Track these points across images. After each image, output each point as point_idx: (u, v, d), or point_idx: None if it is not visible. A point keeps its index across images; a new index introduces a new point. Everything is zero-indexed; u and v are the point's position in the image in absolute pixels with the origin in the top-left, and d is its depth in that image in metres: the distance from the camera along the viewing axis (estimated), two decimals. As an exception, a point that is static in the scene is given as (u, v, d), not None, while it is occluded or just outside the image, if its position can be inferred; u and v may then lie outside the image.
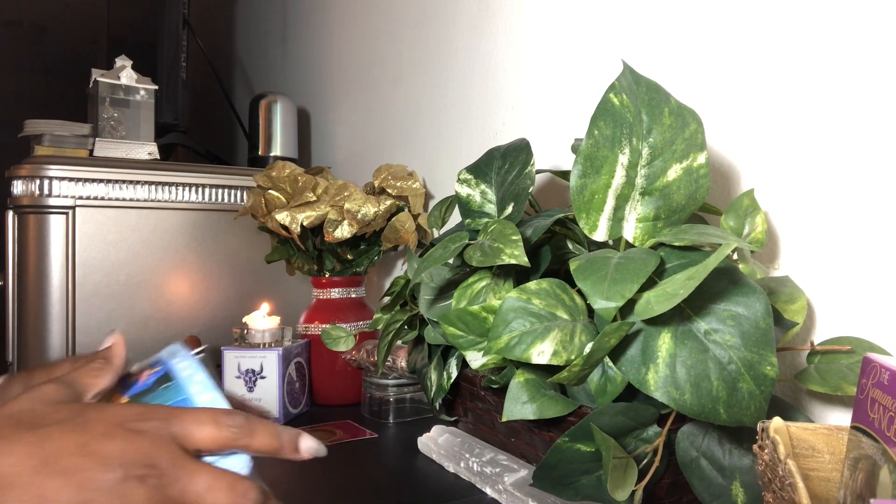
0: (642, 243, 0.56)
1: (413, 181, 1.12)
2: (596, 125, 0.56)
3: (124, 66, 1.31)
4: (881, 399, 0.36)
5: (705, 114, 0.68)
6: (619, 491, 0.48)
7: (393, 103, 1.33)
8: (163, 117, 1.46)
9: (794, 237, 0.65)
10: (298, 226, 1.03)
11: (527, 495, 0.59)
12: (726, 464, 0.51)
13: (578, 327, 0.53)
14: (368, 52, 1.42)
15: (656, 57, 0.78)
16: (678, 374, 0.47)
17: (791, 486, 0.37)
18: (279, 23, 1.87)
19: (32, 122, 1.26)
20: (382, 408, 0.94)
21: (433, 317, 0.70)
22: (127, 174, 1.20)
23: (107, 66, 1.34)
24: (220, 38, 2.30)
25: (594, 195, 0.56)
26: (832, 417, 0.62)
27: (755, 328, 0.47)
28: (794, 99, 0.64)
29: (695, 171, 0.56)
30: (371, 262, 1.12)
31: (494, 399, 0.67)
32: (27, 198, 1.14)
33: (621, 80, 0.57)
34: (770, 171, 0.67)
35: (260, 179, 1.12)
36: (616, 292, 0.48)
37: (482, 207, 0.71)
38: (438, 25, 1.19)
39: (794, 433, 0.43)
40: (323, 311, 1.08)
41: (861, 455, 0.37)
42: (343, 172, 1.51)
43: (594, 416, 0.50)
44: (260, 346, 0.94)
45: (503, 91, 1.04)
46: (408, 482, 0.70)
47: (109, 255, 1.18)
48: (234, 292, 1.30)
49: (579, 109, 0.90)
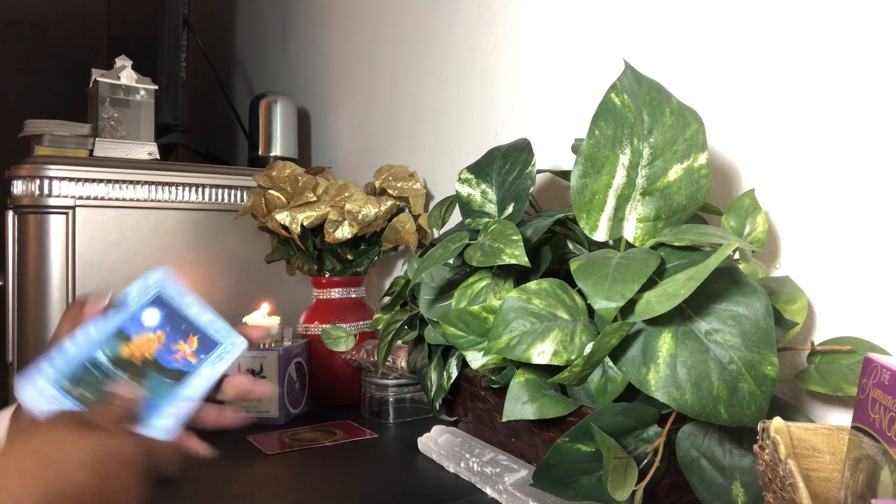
0: (643, 243, 0.56)
1: (414, 182, 1.12)
2: (597, 125, 0.56)
3: (124, 66, 1.31)
4: (882, 399, 0.36)
5: (706, 114, 0.68)
6: (619, 491, 0.48)
7: (393, 103, 1.33)
8: (163, 117, 1.46)
9: (794, 237, 0.65)
10: (298, 226, 1.03)
11: (527, 495, 0.59)
12: (727, 464, 0.51)
13: (579, 327, 0.53)
14: (368, 52, 1.42)
15: (657, 56, 0.78)
16: (679, 374, 0.47)
17: (792, 487, 0.37)
18: (279, 23, 1.87)
19: (32, 122, 1.26)
20: (382, 408, 0.94)
21: (433, 317, 0.70)
22: (127, 174, 1.19)
23: (107, 66, 1.34)
24: (220, 38, 2.30)
25: (595, 195, 0.56)
26: (833, 417, 0.62)
27: (756, 328, 0.47)
28: (794, 99, 0.64)
29: (696, 171, 0.56)
30: (371, 262, 1.12)
31: (494, 399, 0.67)
32: (27, 198, 1.14)
33: (623, 79, 0.57)
34: (770, 171, 0.67)
35: (260, 179, 1.12)
36: (616, 292, 0.48)
37: (482, 207, 0.71)
38: (438, 25, 1.19)
39: (794, 433, 0.43)
40: (323, 311, 1.08)
41: (862, 455, 0.37)
42: (343, 172, 1.51)
43: (594, 416, 0.50)
44: (260, 346, 0.94)
45: (503, 91, 1.04)
46: (408, 482, 0.70)
47: (109, 255, 1.18)
48: (234, 292, 1.30)
49: (579, 109, 0.90)
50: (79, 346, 0.46)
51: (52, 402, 0.44)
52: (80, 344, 0.46)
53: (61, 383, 0.45)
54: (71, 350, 0.46)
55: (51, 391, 0.44)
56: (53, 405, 0.44)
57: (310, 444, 0.83)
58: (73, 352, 0.46)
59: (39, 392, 0.44)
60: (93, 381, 0.45)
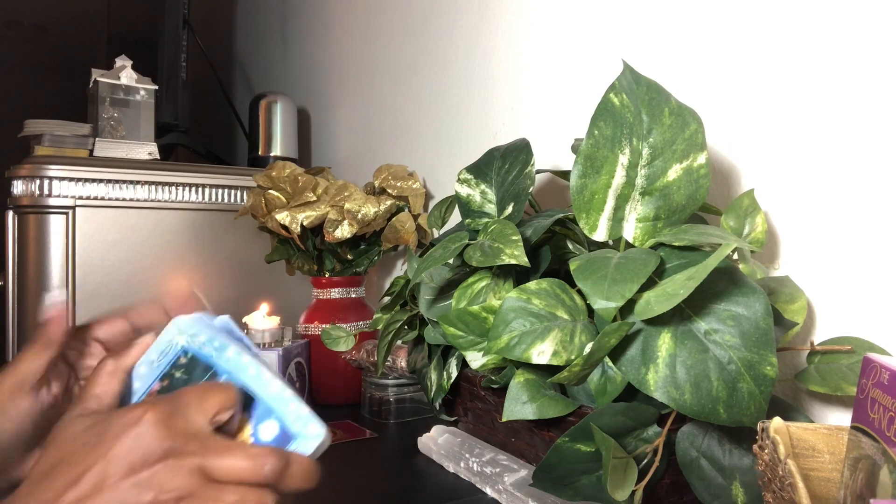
0: (642, 243, 0.56)
1: (413, 181, 1.12)
2: (596, 125, 0.56)
3: (124, 66, 1.31)
4: (881, 399, 0.36)
5: (705, 114, 0.68)
6: (619, 491, 0.48)
7: (393, 103, 1.33)
8: (163, 117, 1.46)
9: (794, 237, 0.65)
10: (298, 226, 1.03)
11: (527, 495, 0.59)
12: (726, 464, 0.51)
13: (578, 327, 0.53)
14: (368, 52, 1.42)
15: (656, 57, 0.78)
16: (678, 374, 0.47)
17: (791, 487, 0.37)
18: (279, 23, 1.87)
19: (32, 122, 1.26)
20: (382, 408, 0.94)
21: (433, 317, 0.70)
22: (127, 174, 1.20)
23: (107, 66, 1.34)
24: (220, 38, 2.30)
25: (594, 195, 0.56)
26: (832, 417, 0.62)
27: (755, 328, 0.47)
28: (794, 99, 0.64)
29: (695, 171, 0.56)
30: (371, 262, 1.12)
31: (494, 399, 0.67)
32: (27, 198, 1.14)
33: (621, 79, 0.57)
34: (770, 171, 0.67)
35: (260, 179, 1.12)
36: (616, 292, 0.48)
37: (482, 207, 0.71)
38: (438, 25, 1.19)
39: (794, 433, 0.43)
40: (323, 311, 1.08)
41: (861, 455, 0.37)
42: (343, 172, 1.51)
43: (594, 416, 0.50)
44: (260, 346, 0.94)
45: (503, 91, 1.04)
46: (408, 482, 0.70)
47: (109, 255, 1.18)
48: (234, 292, 1.30)
49: (579, 109, 0.90)
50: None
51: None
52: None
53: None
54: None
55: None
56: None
57: (310, 444, 0.83)
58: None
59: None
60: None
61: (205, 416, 0.36)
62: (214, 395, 0.37)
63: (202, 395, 0.37)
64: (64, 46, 2.31)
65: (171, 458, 0.34)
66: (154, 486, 0.33)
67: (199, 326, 0.41)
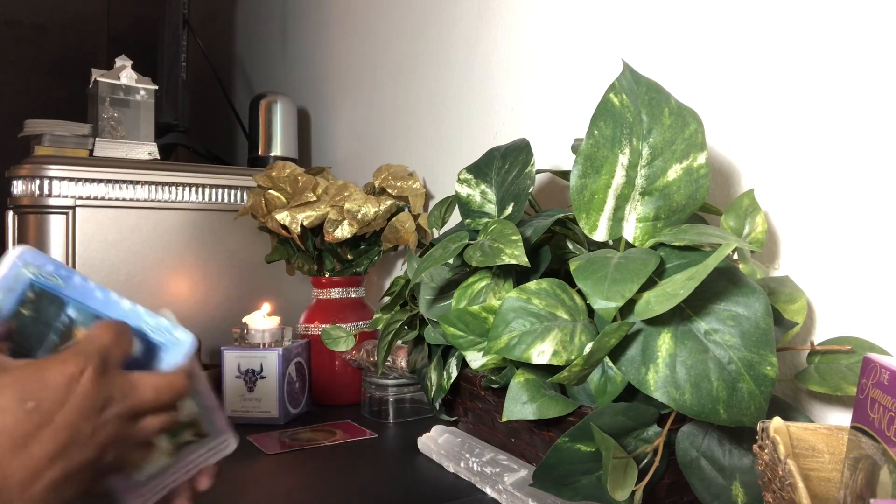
0: (642, 243, 0.56)
1: (413, 181, 1.12)
2: (596, 125, 0.56)
3: (124, 66, 1.31)
4: (881, 399, 0.36)
5: (705, 114, 0.68)
6: (619, 491, 0.48)
7: (393, 103, 1.33)
8: (163, 117, 1.46)
9: (794, 237, 0.65)
10: (298, 226, 1.03)
11: (527, 495, 0.59)
12: (726, 464, 0.51)
13: (578, 327, 0.53)
14: (369, 51, 1.42)
15: (656, 57, 0.78)
16: (678, 374, 0.47)
17: (791, 486, 0.37)
18: (279, 23, 1.87)
19: (32, 122, 1.26)
20: (382, 408, 0.94)
21: (433, 317, 0.70)
22: (127, 174, 1.19)
23: (107, 66, 1.33)
24: (220, 38, 2.30)
25: (594, 195, 0.56)
26: (832, 417, 0.62)
27: (755, 328, 0.47)
28: (794, 99, 0.64)
29: (695, 171, 0.56)
30: (371, 262, 1.12)
31: (494, 399, 0.67)
32: (27, 198, 1.14)
33: (621, 79, 0.57)
34: (770, 171, 0.67)
35: (260, 179, 1.12)
36: (616, 292, 0.48)
37: (482, 207, 0.71)
38: (438, 26, 1.19)
39: (794, 433, 0.43)
40: (323, 311, 1.08)
41: (861, 455, 0.37)
42: (343, 172, 1.51)
43: (594, 416, 0.50)
44: (260, 346, 0.94)
45: (503, 91, 1.04)
46: (408, 482, 0.70)
47: (109, 255, 1.18)
48: (234, 292, 1.30)
49: (579, 109, 0.90)
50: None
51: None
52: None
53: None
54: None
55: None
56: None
57: (310, 443, 0.83)
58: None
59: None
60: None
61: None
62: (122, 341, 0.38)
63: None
64: (64, 46, 2.31)
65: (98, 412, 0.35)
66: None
67: (44, 257, 0.40)
